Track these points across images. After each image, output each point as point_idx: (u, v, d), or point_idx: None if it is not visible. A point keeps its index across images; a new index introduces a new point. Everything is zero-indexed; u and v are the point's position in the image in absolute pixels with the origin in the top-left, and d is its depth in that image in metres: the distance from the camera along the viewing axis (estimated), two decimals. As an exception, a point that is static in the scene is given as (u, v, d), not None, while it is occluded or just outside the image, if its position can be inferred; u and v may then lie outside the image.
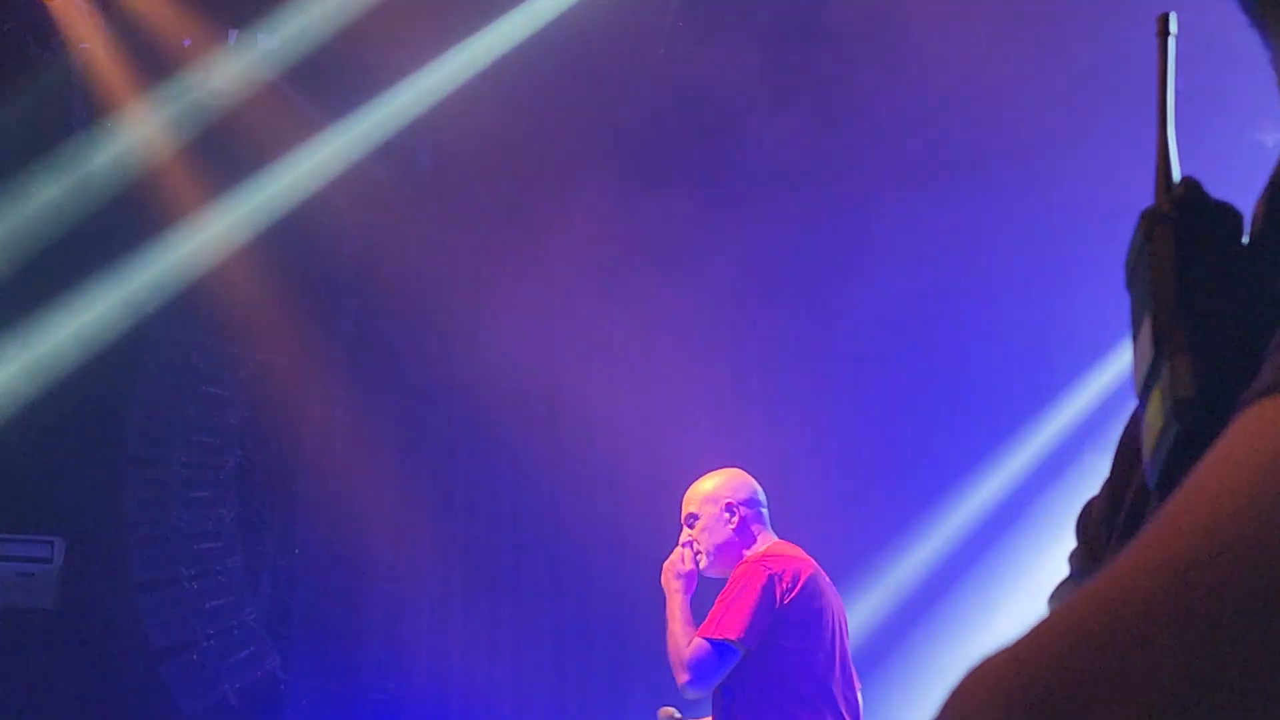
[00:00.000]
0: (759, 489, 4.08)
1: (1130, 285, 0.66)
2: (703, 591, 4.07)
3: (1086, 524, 0.82)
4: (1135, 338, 0.65)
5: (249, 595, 5.86)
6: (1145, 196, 0.67)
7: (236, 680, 5.75)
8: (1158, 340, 0.62)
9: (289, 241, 6.18)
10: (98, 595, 5.65)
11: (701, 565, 3.96)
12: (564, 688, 6.32)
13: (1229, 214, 0.64)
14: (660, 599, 4.12)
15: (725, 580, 3.95)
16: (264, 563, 6.02)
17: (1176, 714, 0.45)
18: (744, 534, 3.96)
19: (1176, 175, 0.68)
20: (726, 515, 3.95)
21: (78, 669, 5.54)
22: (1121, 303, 0.68)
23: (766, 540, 3.97)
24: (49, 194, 5.53)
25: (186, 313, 5.94)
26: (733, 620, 3.69)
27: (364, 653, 6.23)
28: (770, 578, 3.75)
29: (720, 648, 3.69)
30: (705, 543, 3.95)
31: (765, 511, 4.04)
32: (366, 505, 6.38)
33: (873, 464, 6.53)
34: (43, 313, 5.72)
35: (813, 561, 3.89)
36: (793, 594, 3.75)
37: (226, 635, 5.76)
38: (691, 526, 3.99)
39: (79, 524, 5.63)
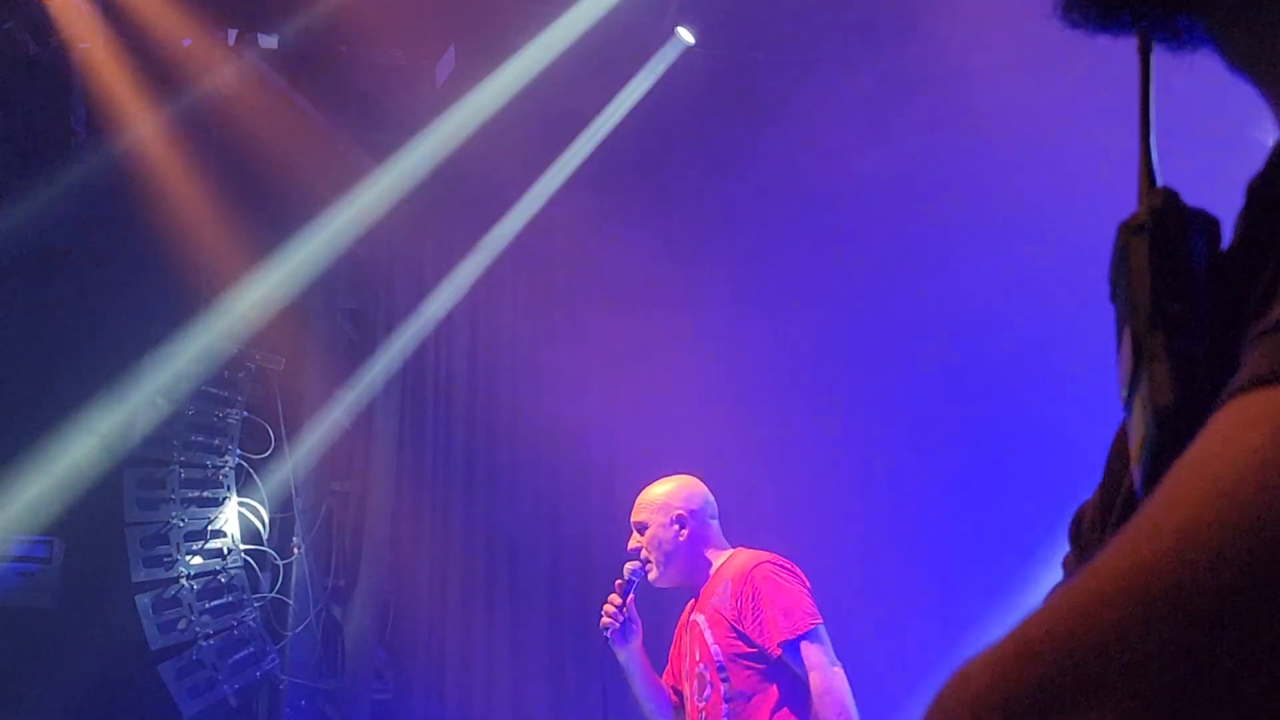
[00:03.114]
0: (711, 498, 4.05)
1: (1113, 297, 0.67)
2: (655, 601, 4.05)
3: (1079, 529, 0.82)
4: (1119, 348, 0.65)
5: (249, 595, 5.86)
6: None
7: (236, 680, 5.74)
8: (1136, 349, 0.63)
9: (288, 241, 6.18)
10: (98, 595, 5.65)
11: (651, 575, 3.93)
12: (563, 687, 6.32)
13: (1205, 221, 0.65)
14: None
15: (682, 590, 3.96)
16: (264, 563, 6.02)
17: (1154, 713, 0.46)
18: (694, 545, 3.93)
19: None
20: (676, 527, 3.92)
21: (78, 669, 5.54)
22: None
23: (723, 549, 3.95)
24: (48, 193, 5.53)
25: (186, 312, 5.94)
26: (800, 608, 3.69)
27: (363, 653, 6.22)
28: (792, 569, 3.78)
29: (816, 631, 3.67)
30: (655, 552, 3.91)
31: (716, 522, 4.01)
32: (367, 506, 6.38)
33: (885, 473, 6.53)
34: (40, 312, 5.72)
35: None
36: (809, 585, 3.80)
37: (226, 635, 5.76)
38: (641, 535, 3.96)
39: (79, 524, 5.63)
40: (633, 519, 4.00)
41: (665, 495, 3.99)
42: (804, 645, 3.64)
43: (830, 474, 6.42)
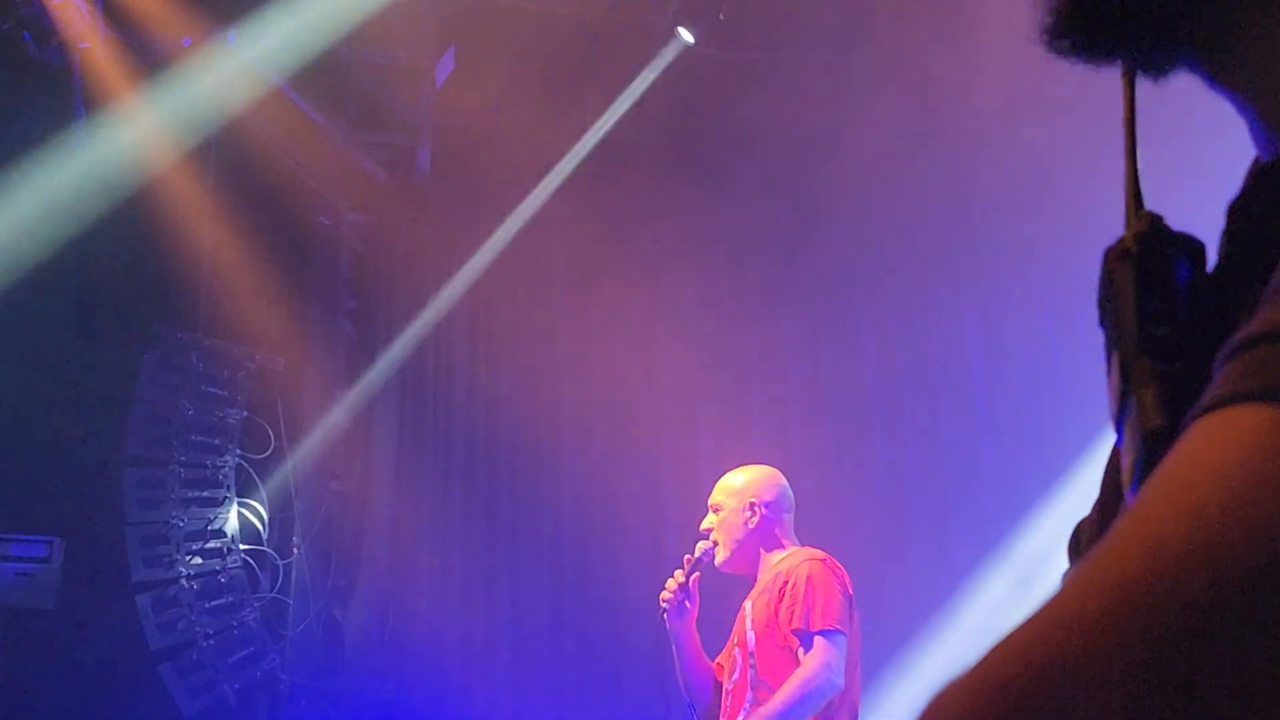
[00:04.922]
0: (789, 492, 4.07)
1: (1101, 322, 0.67)
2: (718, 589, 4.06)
3: (1078, 545, 0.83)
4: (1108, 372, 0.66)
5: (249, 595, 5.86)
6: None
7: (236, 680, 5.75)
8: (1124, 374, 0.63)
9: (288, 241, 6.18)
10: (98, 595, 5.65)
11: (717, 559, 3.97)
12: (562, 687, 6.32)
13: (1190, 245, 0.66)
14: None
15: (740, 578, 3.98)
16: (264, 563, 6.02)
17: None
18: (763, 534, 3.96)
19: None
20: (748, 514, 3.96)
21: (78, 669, 5.54)
22: None
23: (790, 544, 3.97)
24: (48, 193, 5.53)
25: (186, 312, 5.94)
26: (830, 610, 3.70)
27: (363, 653, 6.23)
28: (841, 578, 3.81)
29: (835, 635, 3.69)
30: (723, 536, 3.97)
31: (790, 517, 4.03)
32: (367, 506, 6.38)
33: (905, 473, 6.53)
34: (40, 312, 5.72)
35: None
36: (851, 598, 3.81)
37: (226, 635, 5.76)
38: (715, 515, 4.02)
39: (79, 524, 5.63)
40: (710, 500, 4.05)
41: (743, 482, 4.04)
42: (817, 639, 3.66)
43: (833, 475, 6.41)
